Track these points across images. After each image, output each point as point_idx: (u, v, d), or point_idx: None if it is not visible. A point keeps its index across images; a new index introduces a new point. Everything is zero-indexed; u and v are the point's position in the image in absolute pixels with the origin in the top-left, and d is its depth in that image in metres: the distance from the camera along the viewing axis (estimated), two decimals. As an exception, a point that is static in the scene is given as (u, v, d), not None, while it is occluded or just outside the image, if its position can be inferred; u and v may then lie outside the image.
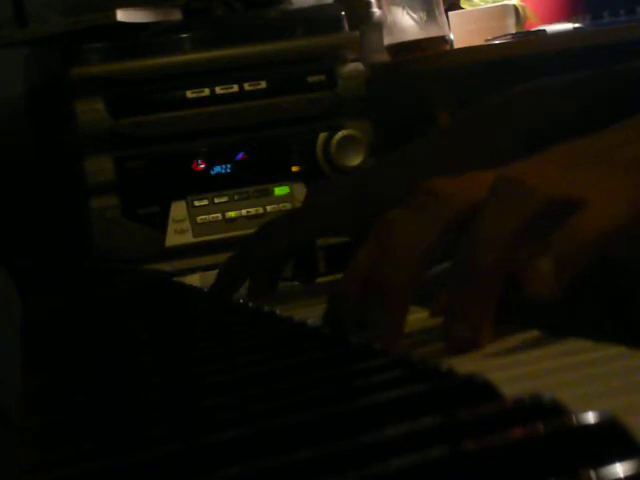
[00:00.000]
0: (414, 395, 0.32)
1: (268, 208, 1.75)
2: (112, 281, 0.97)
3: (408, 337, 0.45)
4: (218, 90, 1.75)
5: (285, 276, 0.69)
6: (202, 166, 1.74)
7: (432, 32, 1.92)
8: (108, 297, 0.80)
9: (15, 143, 1.95)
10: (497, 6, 2.00)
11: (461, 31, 1.97)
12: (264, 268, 0.67)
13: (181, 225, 1.72)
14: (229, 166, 1.76)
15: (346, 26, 1.84)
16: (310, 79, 1.79)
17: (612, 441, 0.25)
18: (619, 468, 0.24)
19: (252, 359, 0.44)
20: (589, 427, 0.26)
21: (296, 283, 0.68)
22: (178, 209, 1.73)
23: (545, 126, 0.61)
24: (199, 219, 1.73)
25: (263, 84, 1.77)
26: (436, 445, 0.26)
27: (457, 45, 1.96)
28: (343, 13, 1.85)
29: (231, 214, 1.74)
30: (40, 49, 1.87)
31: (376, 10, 2.04)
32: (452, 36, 1.96)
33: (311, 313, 0.54)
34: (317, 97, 1.79)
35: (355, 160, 1.76)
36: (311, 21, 1.83)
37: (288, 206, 1.74)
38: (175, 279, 0.89)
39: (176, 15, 1.81)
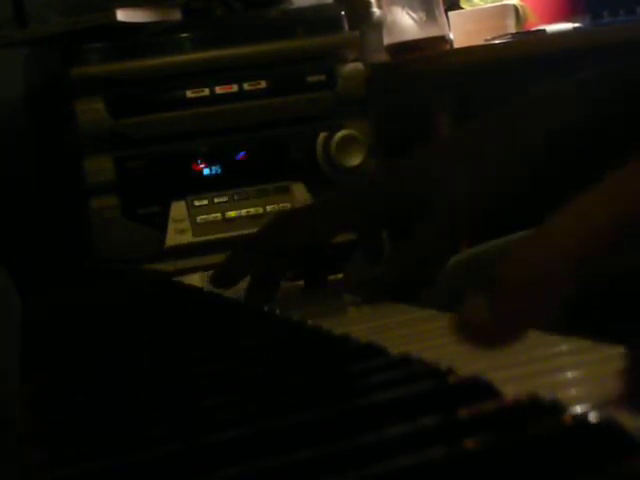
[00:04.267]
0: (414, 395, 0.32)
1: (268, 208, 1.75)
2: (112, 281, 0.97)
3: (407, 336, 0.45)
4: (218, 90, 1.75)
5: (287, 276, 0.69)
6: (202, 166, 1.74)
7: (432, 32, 1.92)
8: (108, 297, 0.80)
9: (15, 143, 1.95)
10: (497, 6, 2.00)
11: (461, 31, 1.97)
12: (269, 267, 0.64)
13: (181, 225, 1.72)
14: (229, 166, 1.76)
15: (346, 26, 1.84)
16: (310, 79, 1.79)
17: (612, 441, 0.25)
18: (619, 468, 0.24)
19: (252, 359, 0.44)
20: (589, 427, 0.26)
21: (297, 283, 0.68)
22: (178, 209, 1.73)
23: (561, 129, 0.60)
24: (199, 219, 1.73)
25: (263, 84, 1.77)
26: (436, 445, 0.26)
27: (457, 45, 1.96)
28: (343, 13, 1.85)
29: (231, 214, 1.74)
30: (40, 49, 1.87)
31: (376, 10, 2.04)
32: (452, 36, 1.96)
33: (313, 313, 0.54)
34: (317, 97, 1.80)
35: (355, 160, 1.76)
36: (311, 21, 1.83)
37: (288, 206, 1.74)
38: (175, 279, 0.89)
39: (176, 15, 1.81)
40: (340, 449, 0.27)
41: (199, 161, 1.74)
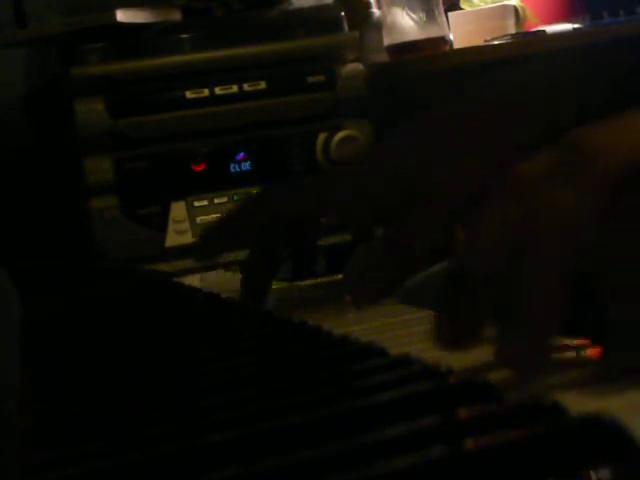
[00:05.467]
0: (414, 395, 0.32)
1: (268, 208, 1.74)
2: (112, 281, 0.97)
3: (407, 336, 0.45)
4: (218, 90, 1.75)
5: (284, 276, 0.69)
6: (202, 166, 1.74)
7: (432, 32, 1.92)
8: (108, 297, 0.80)
9: (15, 143, 1.95)
10: (497, 6, 2.00)
11: (461, 31, 1.97)
12: (258, 235, 0.63)
13: (181, 225, 1.72)
14: (229, 166, 1.76)
15: (346, 26, 1.84)
16: (310, 79, 1.79)
17: (612, 441, 0.25)
18: (619, 468, 0.24)
19: (252, 359, 0.44)
20: (589, 427, 0.26)
21: (296, 283, 0.68)
22: (178, 209, 1.73)
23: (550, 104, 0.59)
24: (199, 219, 1.73)
25: (263, 84, 1.77)
26: (436, 445, 0.26)
27: (457, 45, 1.96)
28: (343, 13, 1.85)
29: (231, 214, 1.74)
30: (40, 49, 1.87)
31: (376, 10, 2.04)
32: (452, 36, 1.96)
33: (313, 313, 0.54)
34: (317, 97, 1.80)
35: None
36: (311, 21, 1.83)
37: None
38: (175, 279, 0.89)
39: (176, 15, 1.81)
40: (340, 449, 0.27)
41: (199, 161, 1.74)
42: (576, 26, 1.94)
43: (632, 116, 0.38)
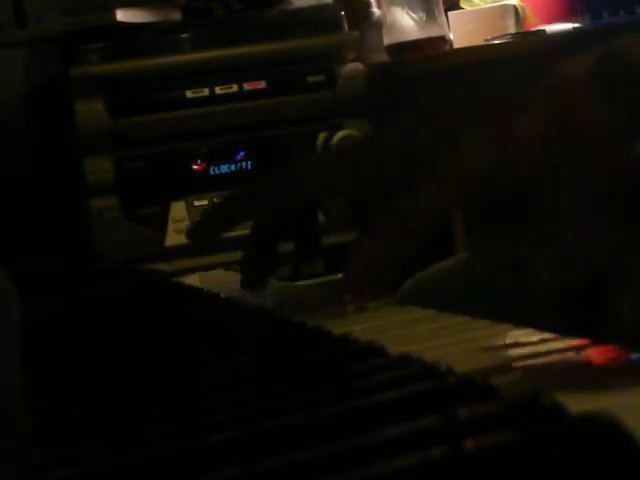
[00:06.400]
0: (414, 395, 0.32)
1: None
2: (112, 281, 0.97)
3: (407, 336, 0.45)
4: (218, 90, 1.75)
5: (285, 276, 0.69)
6: (202, 166, 1.74)
7: (432, 32, 1.92)
8: (108, 297, 0.80)
9: (15, 143, 1.95)
10: (497, 6, 2.00)
11: (461, 31, 1.97)
12: (264, 228, 0.62)
13: (181, 225, 1.72)
14: (229, 166, 1.76)
15: (346, 26, 1.84)
16: (310, 79, 1.79)
17: (612, 441, 0.25)
18: (618, 468, 0.24)
19: (252, 359, 0.44)
20: (589, 427, 0.26)
21: (295, 283, 0.67)
22: (178, 209, 1.73)
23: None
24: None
25: (263, 84, 1.77)
26: (436, 445, 0.26)
27: (457, 45, 1.96)
28: (343, 13, 1.85)
29: (231, 214, 1.74)
30: (40, 49, 1.88)
31: (376, 10, 2.04)
32: (452, 36, 1.96)
33: (313, 313, 0.54)
34: (317, 97, 1.80)
35: (355, 160, 1.75)
36: (311, 21, 1.83)
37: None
38: (175, 279, 0.89)
39: (176, 15, 1.81)
40: (340, 449, 0.27)
41: (199, 161, 1.74)
42: (576, 26, 1.94)
43: None
